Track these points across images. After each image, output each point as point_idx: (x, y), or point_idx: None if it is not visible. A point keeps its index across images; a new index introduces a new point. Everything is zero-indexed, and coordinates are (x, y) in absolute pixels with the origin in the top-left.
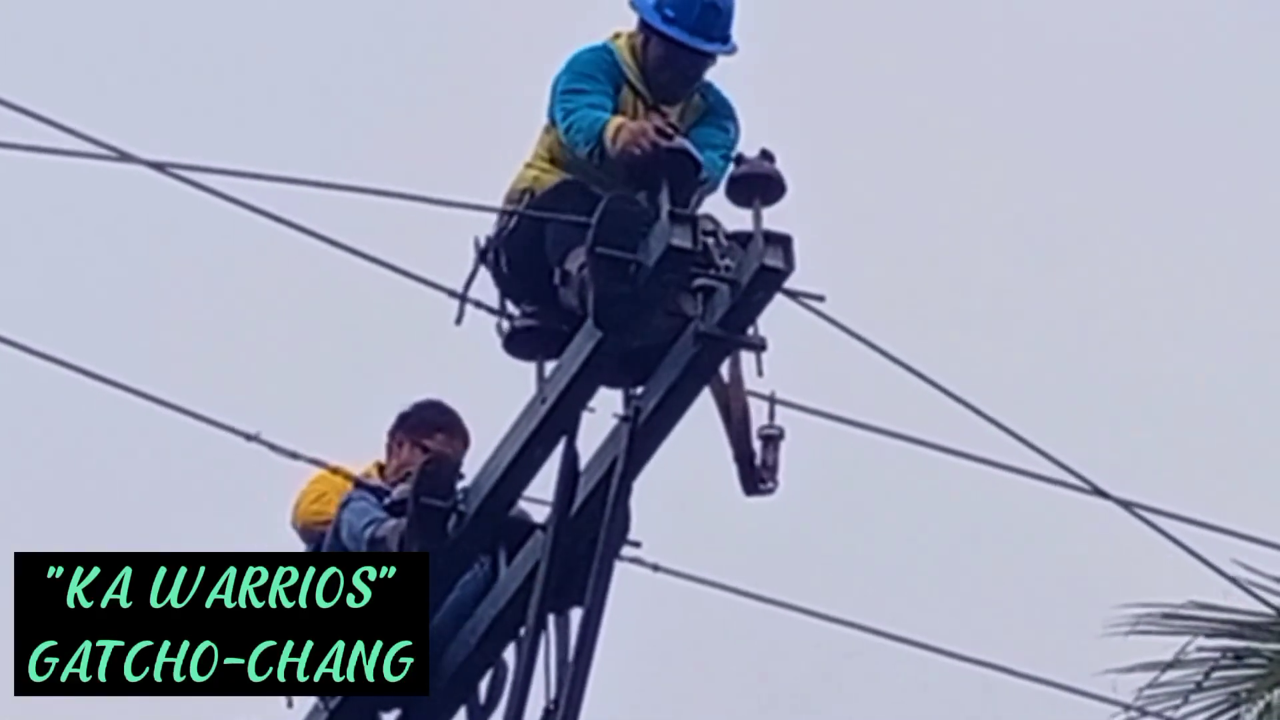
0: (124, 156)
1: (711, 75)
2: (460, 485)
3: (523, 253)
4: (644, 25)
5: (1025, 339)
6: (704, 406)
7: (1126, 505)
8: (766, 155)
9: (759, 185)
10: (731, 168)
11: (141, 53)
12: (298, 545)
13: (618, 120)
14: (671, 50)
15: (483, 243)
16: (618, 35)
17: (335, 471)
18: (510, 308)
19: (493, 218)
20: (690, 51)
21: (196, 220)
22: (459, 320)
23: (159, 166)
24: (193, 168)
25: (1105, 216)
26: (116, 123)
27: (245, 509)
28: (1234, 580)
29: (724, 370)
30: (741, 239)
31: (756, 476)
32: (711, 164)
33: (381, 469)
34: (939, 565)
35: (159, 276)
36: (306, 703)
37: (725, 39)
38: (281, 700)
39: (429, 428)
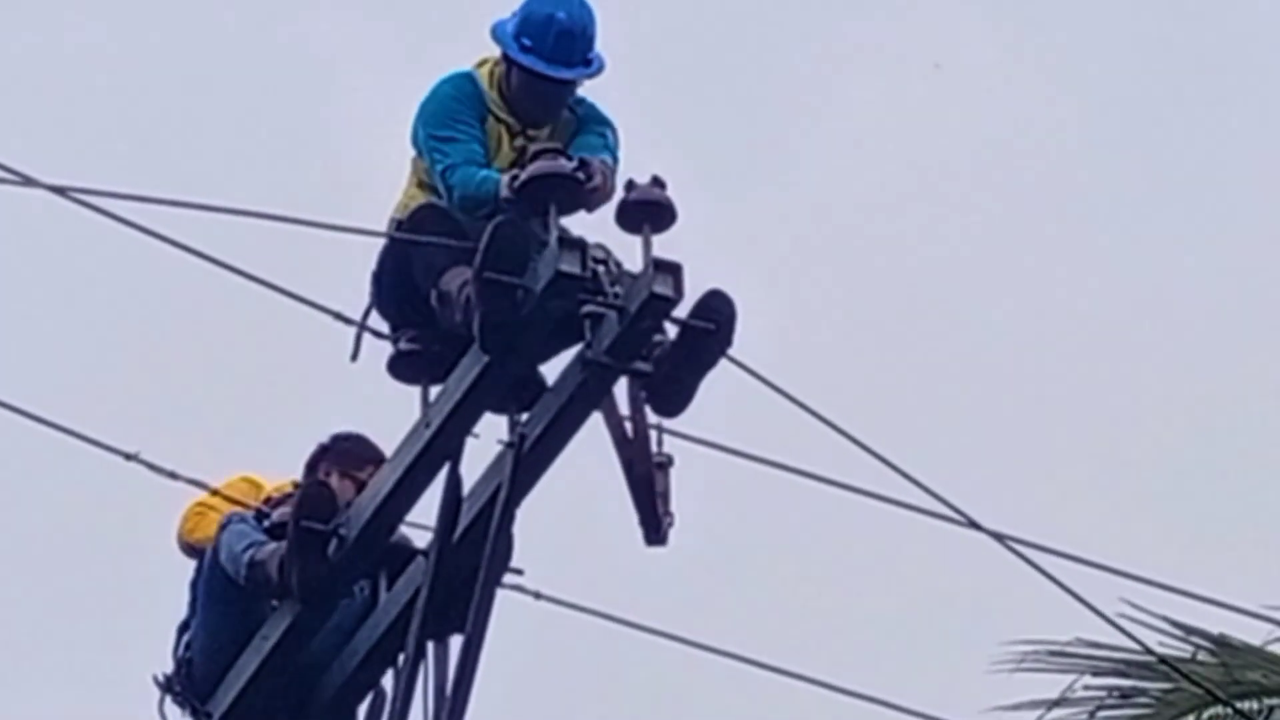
0: (27, 181)
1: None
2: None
3: (397, 279)
4: (504, 55)
5: (905, 370)
6: (591, 434)
7: (1000, 538)
8: (657, 181)
9: (649, 212)
10: (621, 194)
11: (44, 77)
12: (179, 562)
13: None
14: (531, 79)
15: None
16: (482, 62)
17: (214, 493)
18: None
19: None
20: (550, 81)
21: (95, 244)
22: (354, 357)
23: (60, 190)
24: (94, 191)
25: (988, 248)
26: (19, 147)
27: (123, 528)
28: (1109, 620)
29: (620, 403)
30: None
31: (656, 523)
32: (603, 160)
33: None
34: (823, 597)
35: (47, 296)
36: None
37: (586, 63)
38: None
39: (359, 460)
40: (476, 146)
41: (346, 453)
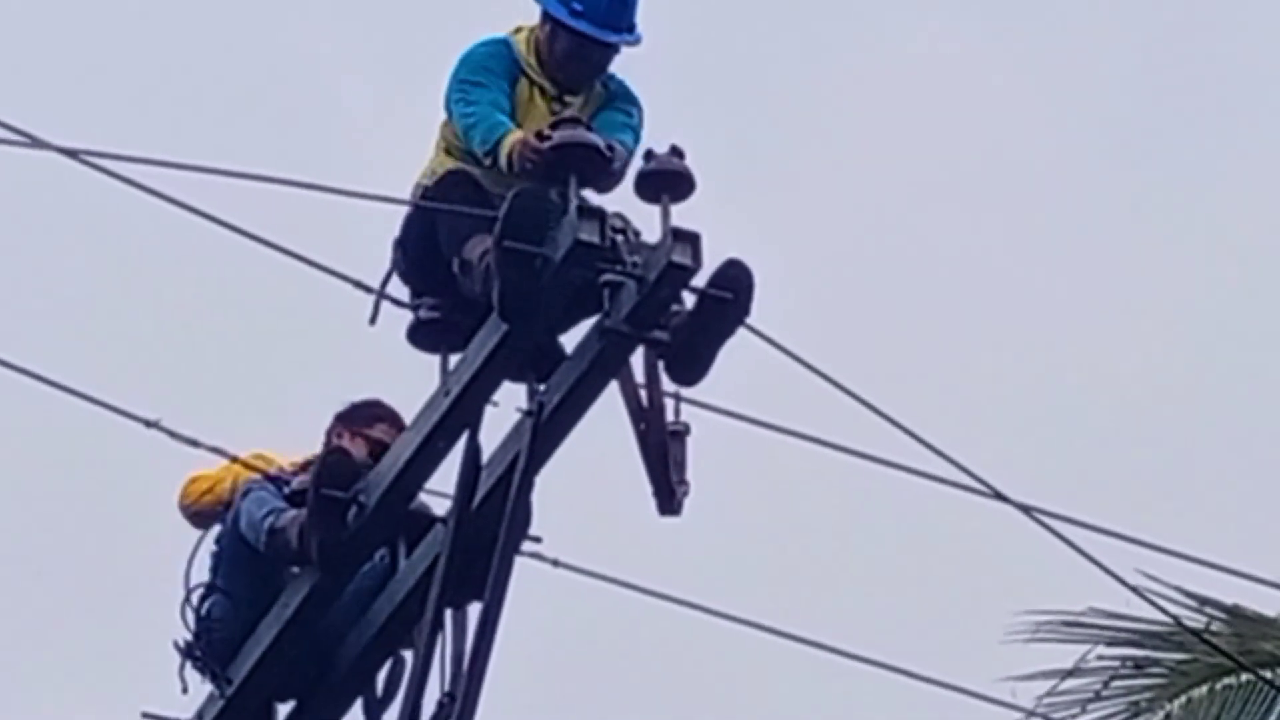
0: (36, 142)
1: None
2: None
3: (419, 246)
4: (550, 18)
5: (928, 342)
6: (609, 404)
7: (1025, 509)
8: (676, 151)
9: (667, 182)
10: (640, 164)
11: (55, 38)
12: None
13: (511, 139)
14: (579, 43)
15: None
16: (518, 29)
17: (234, 460)
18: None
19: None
20: (598, 44)
21: (107, 207)
22: (373, 320)
23: (70, 153)
24: (105, 155)
25: (1015, 223)
26: (29, 109)
27: (144, 496)
28: (1134, 589)
29: (637, 372)
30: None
31: (670, 493)
32: (624, 144)
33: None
34: (840, 567)
35: (66, 262)
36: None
37: (631, 29)
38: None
39: (370, 419)
40: (502, 98)
41: (356, 412)
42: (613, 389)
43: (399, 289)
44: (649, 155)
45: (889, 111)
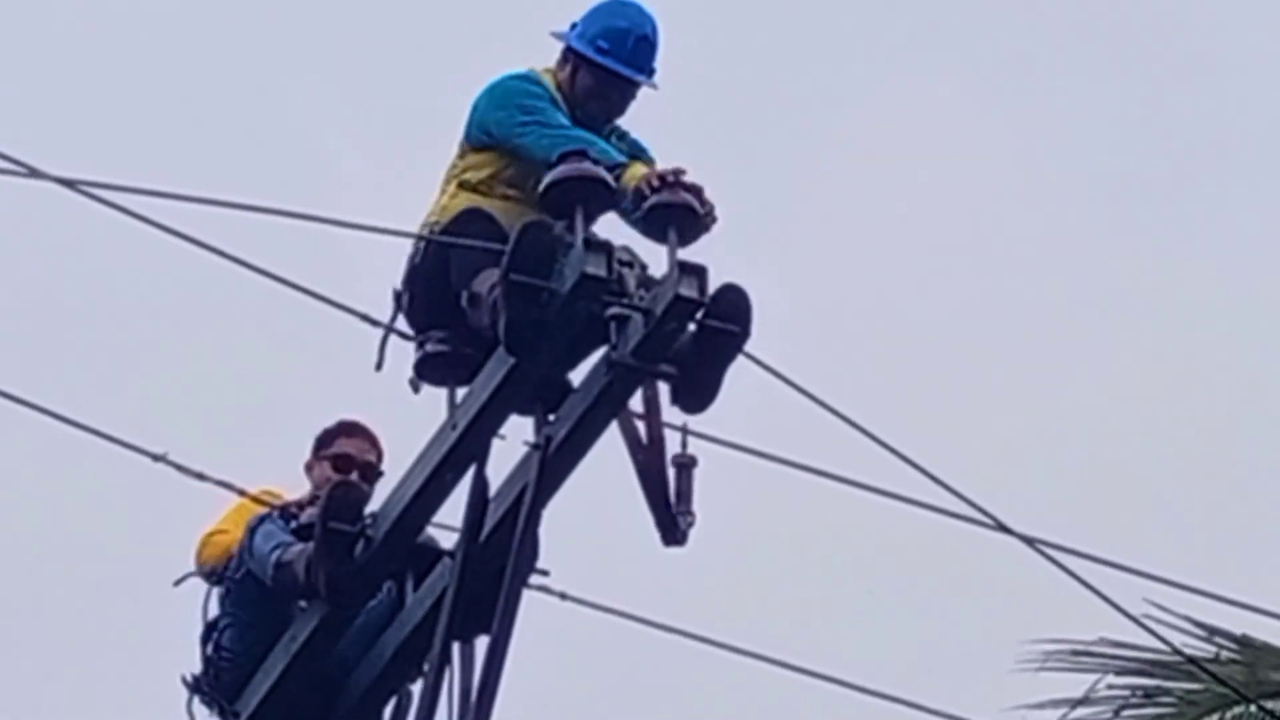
0: (34, 173)
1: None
2: (371, 507)
3: (431, 283)
4: (575, 56)
5: (933, 374)
6: (616, 436)
7: (1029, 541)
8: (686, 186)
9: (675, 216)
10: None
11: (53, 68)
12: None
13: (640, 167)
14: (604, 81)
15: (399, 288)
16: (533, 69)
17: (241, 494)
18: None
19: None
20: (621, 81)
21: (106, 238)
22: (379, 366)
23: (69, 183)
24: (103, 185)
25: (1015, 249)
26: (27, 139)
27: (152, 529)
28: (1135, 619)
29: (635, 404)
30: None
31: (673, 523)
32: None
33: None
34: (849, 600)
35: (67, 294)
36: None
37: (651, 71)
38: None
39: (330, 438)
40: (568, 120)
41: (322, 439)
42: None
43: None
44: (656, 189)
45: (893, 148)
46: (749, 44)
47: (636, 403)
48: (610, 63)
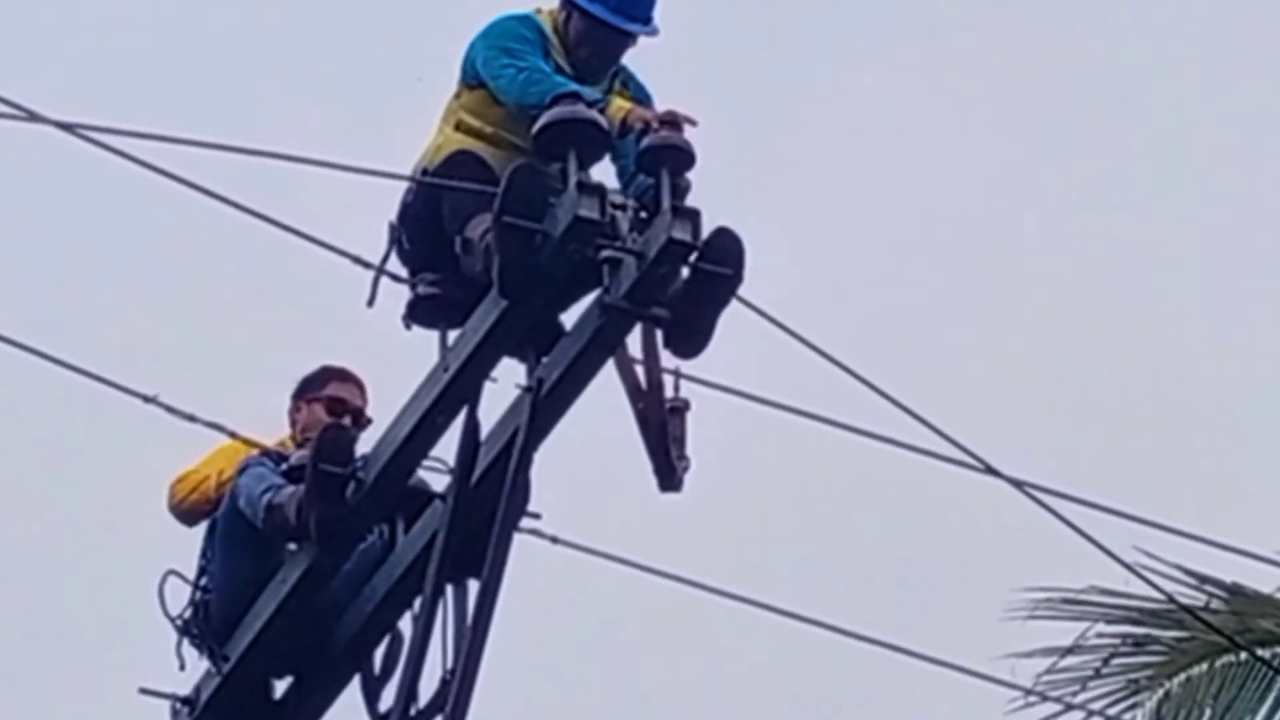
0: (32, 116)
1: (644, 58)
2: (361, 449)
3: (422, 224)
4: (568, 3)
5: (922, 318)
6: (609, 380)
7: (1018, 484)
8: (675, 124)
9: (667, 155)
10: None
11: (51, 11)
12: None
13: (620, 103)
14: (593, 27)
15: (394, 222)
16: (539, 10)
17: (233, 435)
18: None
19: (401, 190)
20: (612, 30)
21: (104, 182)
22: (371, 302)
23: (67, 127)
24: (101, 129)
25: (1005, 190)
26: (26, 83)
27: (142, 471)
28: (1128, 566)
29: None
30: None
31: (670, 470)
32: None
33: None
34: (838, 544)
35: (61, 237)
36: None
37: (647, 20)
38: None
39: (321, 382)
40: (546, 64)
41: (308, 383)
42: (610, 365)
43: (396, 268)
44: (646, 129)
45: (889, 98)
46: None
47: (635, 348)
48: (599, 10)
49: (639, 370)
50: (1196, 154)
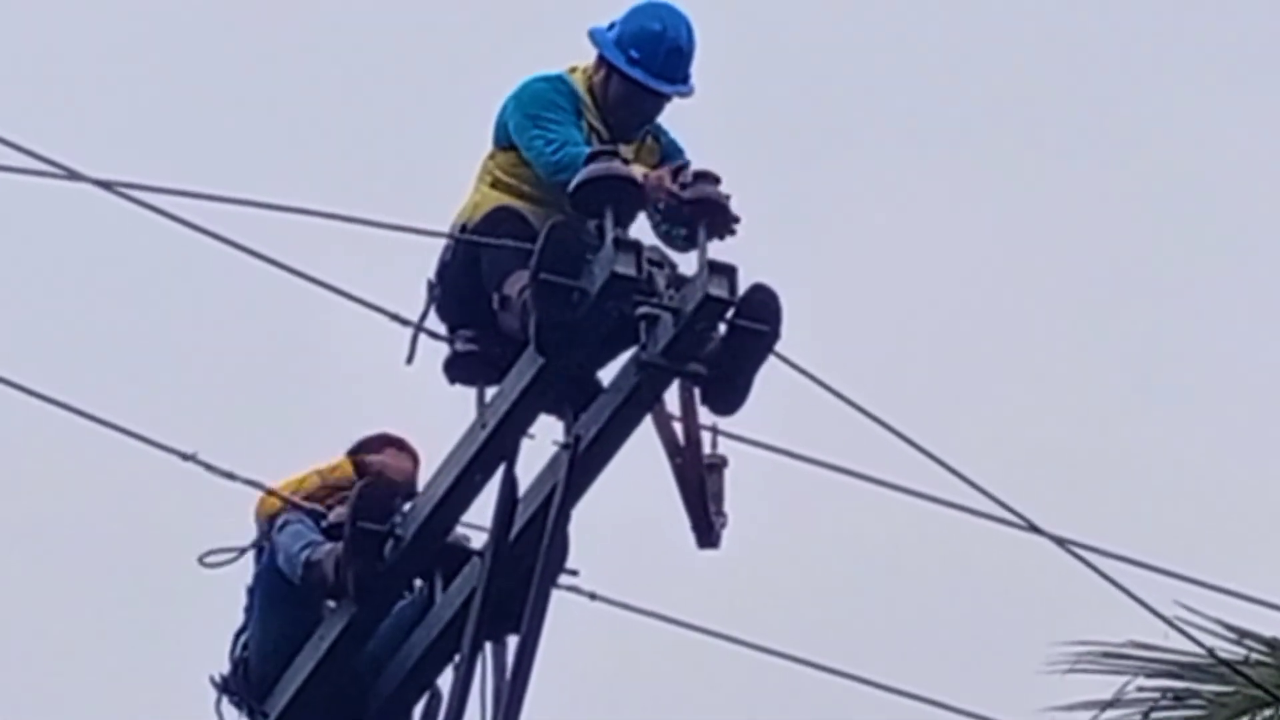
0: (72, 175)
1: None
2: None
3: (461, 281)
4: (605, 64)
5: (964, 375)
6: (646, 436)
7: (1060, 541)
8: (712, 178)
9: (706, 211)
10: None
11: (91, 70)
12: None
13: (637, 170)
14: (633, 91)
15: (433, 279)
16: (574, 69)
17: (270, 494)
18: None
19: (439, 248)
20: (650, 93)
21: (143, 239)
22: (410, 359)
23: (106, 185)
24: (140, 186)
25: (1046, 247)
26: (64, 141)
27: (181, 529)
28: (1168, 620)
29: (672, 405)
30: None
31: (709, 527)
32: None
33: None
34: (878, 600)
35: (100, 295)
36: None
37: (685, 79)
38: None
39: (379, 445)
40: (577, 134)
41: (367, 444)
42: (648, 422)
43: (435, 325)
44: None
45: (926, 153)
46: (780, 47)
47: (673, 405)
48: (639, 75)
49: (676, 427)
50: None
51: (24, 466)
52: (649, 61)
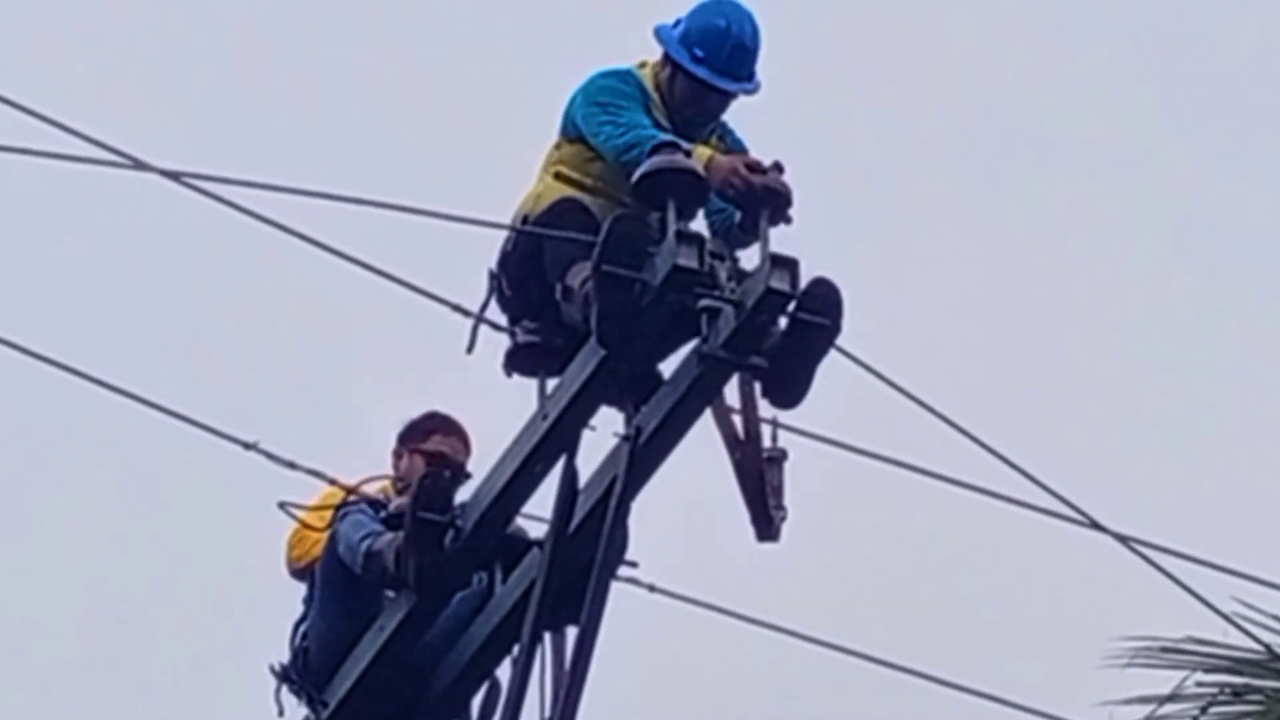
0: (139, 165)
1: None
2: (460, 497)
3: (524, 271)
4: (671, 62)
5: (1027, 370)
6: (707, 429)
7: (1122, 539)
8: (776, 167)
9: (768, 201)
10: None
11: (158, 60)
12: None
13: (708, 152)
14: (698, 89)
15: (495, 269)
16: (643, 64)
17: (332, 483)
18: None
19: (501, 238)
20: (716, 91)
21: (209, 229)
22: (470, 349)
23: (173, 175)
24: (207, 177)
25: (1110, 239)
26: (132, 131)
27: (242, 518)
28: (1226, 617)
29: (732, 398)
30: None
31: (768, 520)
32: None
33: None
34: (937, 595)
35: (167, 284)
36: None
37: (750, 77)
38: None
39: (425, 433)
40: (645, 118)
41: (412, 429)
42: (707, 414)
43: (495, 316)
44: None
45: (990, 134)
46: (845, 44)
47: (732, 398)
48: (704, 73)
49: (736, 420)
50: None
51: (87, 454)
52: (714, 59)
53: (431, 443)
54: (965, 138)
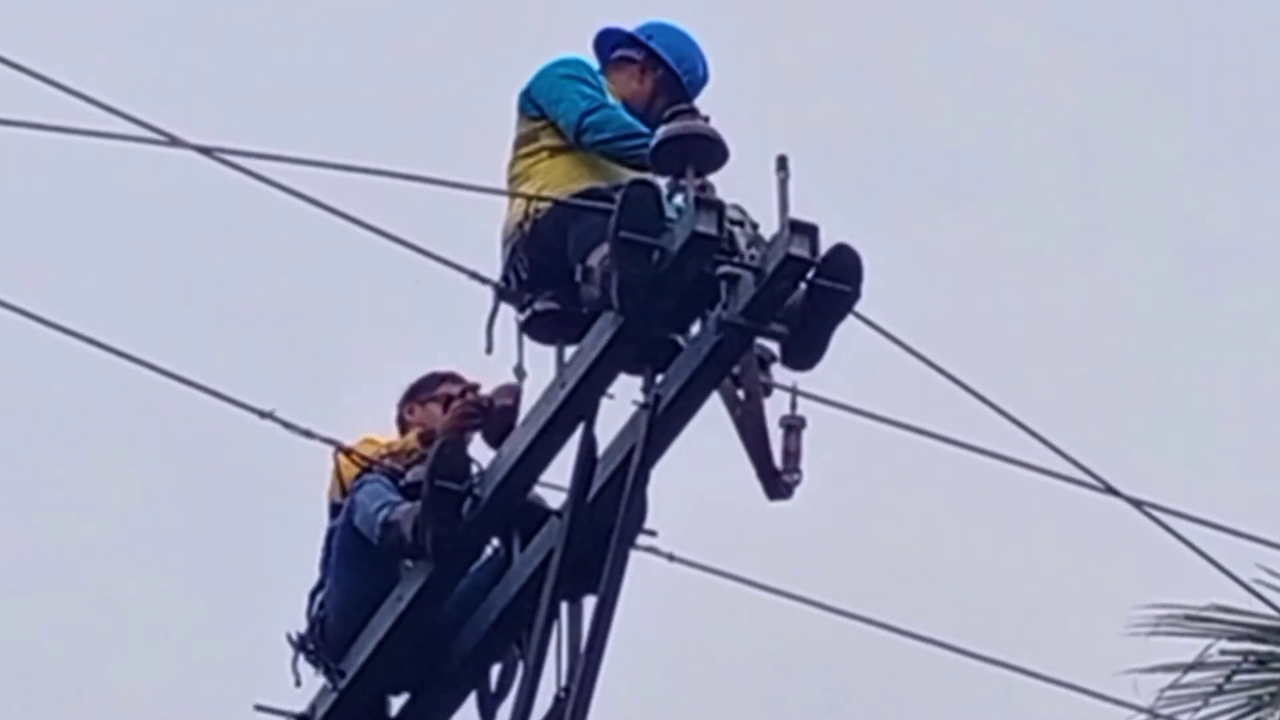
0: (173, 140)
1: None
2: (475, 469)
3: (543, 253)
4: (662, 63)
5: (1044, 336)
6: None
7: (1137, 504)
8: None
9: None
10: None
11: (191, 36)
12: (311, 522)
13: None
14: (672, 91)
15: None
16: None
17: (348, 452)
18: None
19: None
20: (687, 112)
21: (242, 204)
22: (489, 349)
23: (206, 151)
24: (239, 152)
25: (1127, 213)
26: (166, 107)
27: (258, 486)
28: (1247, 586)
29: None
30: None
31: (775, 476)
32: None
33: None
34: (955, 562)
35: (200, 258)
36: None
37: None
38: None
39: (434, 384)
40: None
41: (419, 386)
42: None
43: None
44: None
45: (1011, 94)
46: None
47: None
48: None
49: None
50: None
51: (104, 423)
52: (693, 84)
53: (443, 389)
54: (989, 122)
